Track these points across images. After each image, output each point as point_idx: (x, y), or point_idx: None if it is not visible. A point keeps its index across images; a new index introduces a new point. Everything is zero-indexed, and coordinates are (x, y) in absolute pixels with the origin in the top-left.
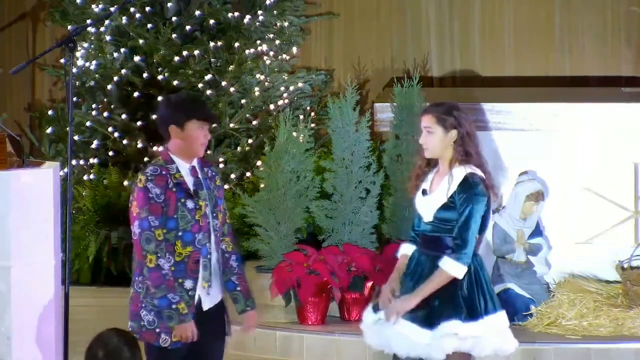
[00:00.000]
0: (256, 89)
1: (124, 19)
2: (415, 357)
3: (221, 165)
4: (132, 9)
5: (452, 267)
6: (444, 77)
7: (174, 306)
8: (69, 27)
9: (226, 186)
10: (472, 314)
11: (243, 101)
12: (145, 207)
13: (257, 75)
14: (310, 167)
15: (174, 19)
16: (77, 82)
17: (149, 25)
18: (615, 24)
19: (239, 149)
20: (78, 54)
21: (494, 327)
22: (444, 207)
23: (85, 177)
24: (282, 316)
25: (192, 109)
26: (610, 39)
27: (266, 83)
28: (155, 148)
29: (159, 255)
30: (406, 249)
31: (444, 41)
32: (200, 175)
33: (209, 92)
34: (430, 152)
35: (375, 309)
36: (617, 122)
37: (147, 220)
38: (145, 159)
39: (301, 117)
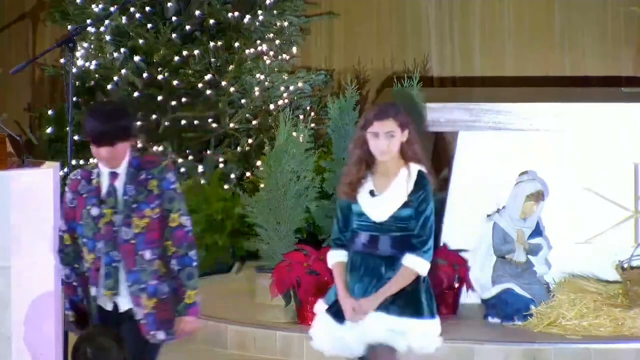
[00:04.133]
0: (256, 88)
1: (124, 19)
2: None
3: (221, 165)
4: (132, 9)
5: (417, 264)
6: (444, 77)
7: (65, 312)
8: (69, 27)
9: (226, 186)
10: (432, 312)
11: (243, 101)
12: (62, 211)
13: (257, 75)
14: (310, 167)
15: (173, 18)
16: (77, 82)
17: (149, 25)
18: (615, 24)
19: (238, 149)
20: (78, 54)
21: (438, 327)
22: (403, 207)
23: None
24: (282, 316)
25: None
26: (610, 39)
27: (266, 83)
28: (155, 148)
29: (62, 258)
30: (341, 256)
31: (444, 41)
32: (120, 181)
33: (208, 92)
34: (389, 155)
35: (336, 315)
36: (617, 122)
37: (61, 224)
38: None
39: (301, 117)
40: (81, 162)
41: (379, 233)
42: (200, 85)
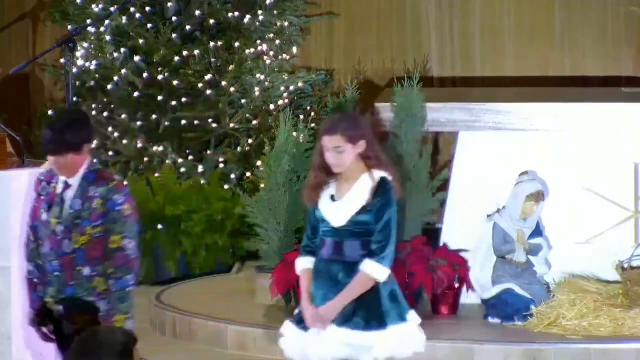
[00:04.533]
0: (256, 88)
1: (124, 19)
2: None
3: (221, 165)
4: (132, 9)
5: (374, 270)
6: (444, 77)
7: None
8: (69, 27)
9: (226, 186)
10: (398, 317)
11: (243, 101)
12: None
13: (257, 75)
14: (310, 167)
15: (173, 18)
16: (77, 82)
17: (149, 25)
18: (615, 24)
19: (238, 148)
20: (78, 53)
21: (413, 326)
22: (362, 211)
23: None
24: (282, 316)
25: None
26: (610, 39)
27: (266, 83)
28: (155, 148)
29: (27, 253)
30: (308, 263)
31: (444, 41)
32: (70, 193)
33: (208, 91)
34: (341, 168)
35: (300, 323)
36: (617, 122)
37: (29, 219)
38: (145, 158)
39: (301, 117)
40: None
41: (339, 238)
42: (200, 85)
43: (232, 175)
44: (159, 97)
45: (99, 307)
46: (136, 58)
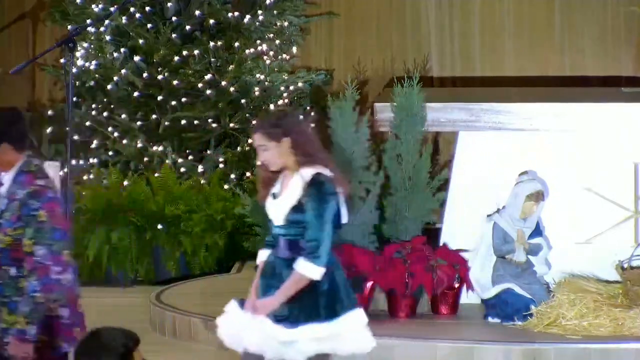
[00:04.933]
0: (256, 88)
1: (124, 19)
2: (274, 357)
3: (221, 165)
4: (132, 9)
5: (306, 269)
6: (444, 77)
7: None
8: (69, 27)
9: (226, 186)
10: (331, 314)
11: (243, 101)
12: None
13: (257, 75)
14: None
15: (173, 18)
16: (77, 82)
17: (149, 25)
18: (615, 24)
19: (238, 148)
20: (78, 54)
21: (351, 325)
22: (294, 210)
23: (85, 177)
24: None
25: None
26: (610, 39)
27: (266, 83)
28: (155, 148)
29: None
30: (264, 255)
31: (444, 41)
32: (2, 190)
33: (208, 91)
34: (273, 166)
35: (241, 307)
36: (617, 122)
37: None
38: (145, 159)
39: (301, 117)
40: (81, 162)
41: (281, 236)
42: (200, 85)
43: (232, 175)
44: (159, 97)
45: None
46: (136, 58)
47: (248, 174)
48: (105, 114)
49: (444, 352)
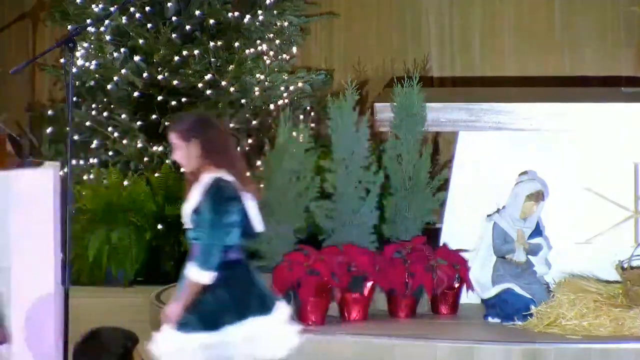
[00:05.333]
0: (256, 88)
1: (124, 19)
2: None
3: None
4: (132, 9)
5: (193, 274)
6: (444, 77)
7: None
8: (69, 27)
9: None
10: (219, 323)
11: (243, 101)
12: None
13: (257, 75)
14: (310, 167)
15: (173, 18)
16: (77, 82)
17: (149, 25)
18: (615, 24)
19: (238, 148)
20: (78, 53)
21: (242, 334)
22: (194, 213)
23: (85, 177)
24: None
25: None
26: (610, 39)
27: (266, 83)
28: (155, 148)
29: None
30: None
31: (444, 41)
32: None
33: (208, 92)
34: (185, 166)
35: None
36: (617, 122)
37: None
38: (145, 159)
39: (301, 117)
40: (81, 162)
41: (189, 239)
42: (200, 85)
43: None
44: (159, 97)
45: None
46: (136, 58)
47: (248, 173)
48: (105, 114)
49: (444, 352)
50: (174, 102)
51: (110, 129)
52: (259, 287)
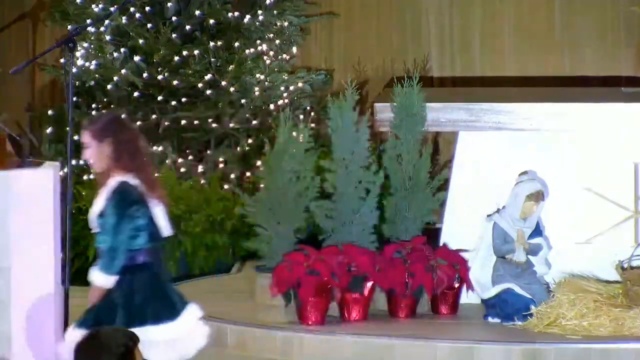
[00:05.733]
0: (256, 88)
1: (124, 19)
2: None
3: (221, 165)
4: (132, 9)
5: (97, 278)
6: (444, 77)
7: None
8: (69, 27)
9: (226, 186)
10: (127, 323)
11: (243, 101)
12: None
13: (257, 75)
14: (310, 167)
15: (173, 18)
16: (77, 82)
17: (149, 25)
18: (615, 24)
19: (238, 148)
20: (78, 53)
21: (146, 338)
22: (99, 216)
23: (85, 177)
24: (282, 316)
25: None
26: (610, 39)
27: (266, 83)
28: (155, 148)
29: None
30: None
31: (444, 41)
32: None
33: (208, 91)
34: (95, 166)
35: None
36: (617, 122)
37: None
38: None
39: (301, 117)
40: (81, 162)
41: (98, 242)
42: (200, 85)
43: (232, 175)
44: (159, 97)
45: None
46: (136, 58)
47: (248, 173)
48: None
49: (444, 352)
50: (173, 102)
51: None
52: (165, 292)
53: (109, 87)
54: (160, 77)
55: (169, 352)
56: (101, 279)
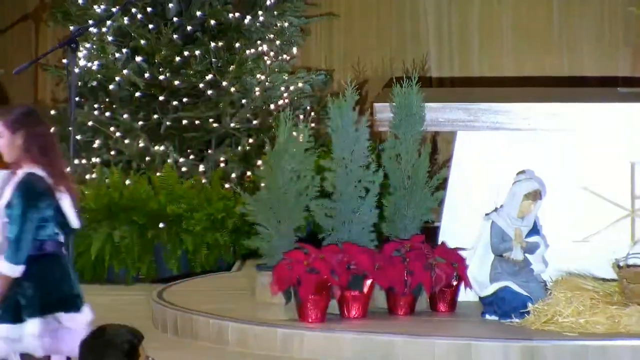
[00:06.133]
0: (257, 89)
1: (126, 20)
2: None
3: (222, 165)
4: (133, 10)
5: (3, 268)
6: (443, 77)
7: None
8: (71, 28)
9: (227, 185)
10: (18, 316)
11: (244, 101)
12: None
13: (258, 76)
14: (310, 166)
15: (175, 19)
16: (80, 83)
17: (151, 26)
18: (613, 25)
19: (239, 148)
20: (80, 54)
21: (46, 327)
22: (7, 207)
23: (87, 177)
24: (282, 314)
25: None
26: (608, 39)
27: (267, 83)
28: (156, 147)
29: None
30: None
31: (443, 41)
32: None
33: (209, 92)
34: (6, 157)
35: None
36: (614, 122)
37: None
38: (147, 158)
39: (301, 116)
40: (83, 161)
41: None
42: (201, 85)
43: (233, 175)
44: (161, 98)
45: None
46: (138, 59)
47: (249, 173)
48: (107, 114)
49: (442, 349)
50: (175, 102)
51: (112, 128)
52: (68, 284)
53: (111, 87)
54: (161, 77)
55: (76, 338)
56: (7, 268)
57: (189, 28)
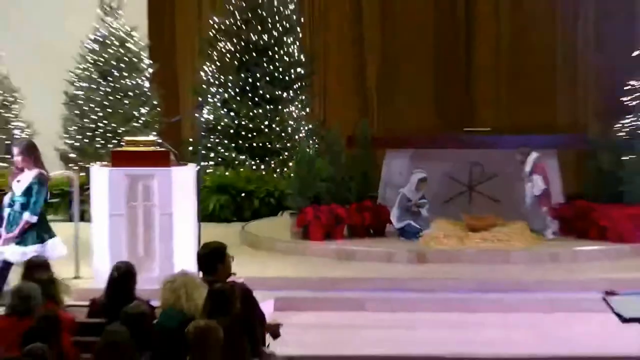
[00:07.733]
0: (289, 129)
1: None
2: None
3: (272, 165)
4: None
5: (26, 215)
6: None
7: None
8: (199, 99)
9: (274, 175)
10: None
11: (283, 134)
12: None
13: (290, 122)
14: (314, 168)
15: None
16: (204, 126)
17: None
18: None
19: (280, 157)
20: (204, 111)
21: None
22: (23, 194)
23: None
24: (300, 237)
25: None
26: None
27: (293, 125)
28: (240, 156)
29: None
30: None
31: None
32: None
33: (266, 130)
34: (24, 167)
35: None
36: None
37: None
38: (236, 162)
39: (310, 142)
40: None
41: None
42: (263, 126)
43: (278, 169)
44: (243, 133)
45: None
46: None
47: (286, 169)
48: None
49: (378, 250)
50: (250, 135)
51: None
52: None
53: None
54: (242, 122)
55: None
56: (29, 217)
57: (256, 99)
